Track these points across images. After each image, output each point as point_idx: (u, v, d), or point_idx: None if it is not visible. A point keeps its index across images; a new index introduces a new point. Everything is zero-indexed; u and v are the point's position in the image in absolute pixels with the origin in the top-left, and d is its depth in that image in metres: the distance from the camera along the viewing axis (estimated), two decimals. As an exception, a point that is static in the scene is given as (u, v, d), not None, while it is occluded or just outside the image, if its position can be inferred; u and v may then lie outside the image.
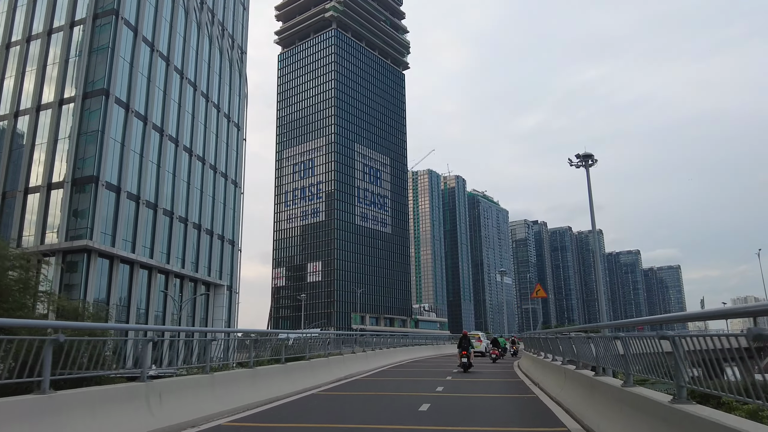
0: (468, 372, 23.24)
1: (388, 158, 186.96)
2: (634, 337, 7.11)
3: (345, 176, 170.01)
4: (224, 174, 60.98)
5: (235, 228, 62.63)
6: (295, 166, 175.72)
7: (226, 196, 61.05)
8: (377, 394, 14.70)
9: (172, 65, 52.06)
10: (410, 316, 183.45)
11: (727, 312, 5.57)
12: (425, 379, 19.88)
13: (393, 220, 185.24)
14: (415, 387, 16.58)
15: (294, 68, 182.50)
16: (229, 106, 63.60)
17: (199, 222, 55.48)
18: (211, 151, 58.45)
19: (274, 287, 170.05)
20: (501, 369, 27.28)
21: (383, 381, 19.12)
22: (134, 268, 45.67)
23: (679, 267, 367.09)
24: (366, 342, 28.25)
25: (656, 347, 6.19)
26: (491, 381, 20.07)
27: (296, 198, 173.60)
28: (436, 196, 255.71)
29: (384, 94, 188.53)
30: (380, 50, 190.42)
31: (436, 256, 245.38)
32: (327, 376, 17.41)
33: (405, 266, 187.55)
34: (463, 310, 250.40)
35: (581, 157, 42.14)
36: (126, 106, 45.89)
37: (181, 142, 52.98)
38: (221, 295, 57.21)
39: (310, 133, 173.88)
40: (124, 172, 45.04)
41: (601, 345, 9.53)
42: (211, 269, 56.82)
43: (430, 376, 21.57)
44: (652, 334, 6.24)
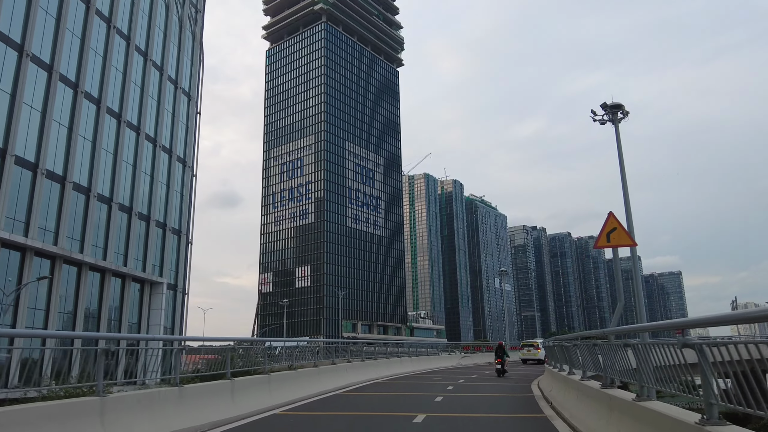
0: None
1: (382, 158, 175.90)
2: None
3: (336, 176, 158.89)
4: (168, 149, 49.64)
5: (183, 216, 51.22)
6: (282, 166, 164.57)
7: (171, 177, 49.67)
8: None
9: (93, 6, 40.91)
10: (405, 324, 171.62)
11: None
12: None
13: (387, 223, 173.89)
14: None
15: (282, 64, 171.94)
16: (177, 70, 52.42)
17: (129, 204, 44.09)
18: (149, 120, 47.18)
19: (260, 293, 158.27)
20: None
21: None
22: (27, 255, 34.22)
23: (680, 273, 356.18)
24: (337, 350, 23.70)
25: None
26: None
27: (284, 199, 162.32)
28: (433, 201, 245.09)
29: (377, 91, 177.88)
30: (373, 46, 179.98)
31: (433, 262, 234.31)
32: (289, 395, 14.12)
33: (399, 271, 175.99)
34: (462, 318, 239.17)
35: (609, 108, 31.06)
36: (20, 47, 34.71)
37: (103, 103, 41.72)
38: (159, 295, 45.66)
39: (298, 131, 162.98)
40: (13, 131, 33.73)
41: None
42: (146, 263, 45.34)
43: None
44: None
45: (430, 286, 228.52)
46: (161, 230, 48.08)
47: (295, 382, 15.27)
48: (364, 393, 17.10)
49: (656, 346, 6.13)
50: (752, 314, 4.01)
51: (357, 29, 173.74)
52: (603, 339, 9.99)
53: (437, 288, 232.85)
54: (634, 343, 7.32)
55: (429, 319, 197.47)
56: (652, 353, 6.23)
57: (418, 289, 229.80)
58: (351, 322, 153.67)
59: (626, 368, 7.91)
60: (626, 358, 7.87)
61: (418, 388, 18.78)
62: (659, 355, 5.99)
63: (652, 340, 7.10)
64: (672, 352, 5.60)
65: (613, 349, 8.82)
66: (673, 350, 5.57)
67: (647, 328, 9.32)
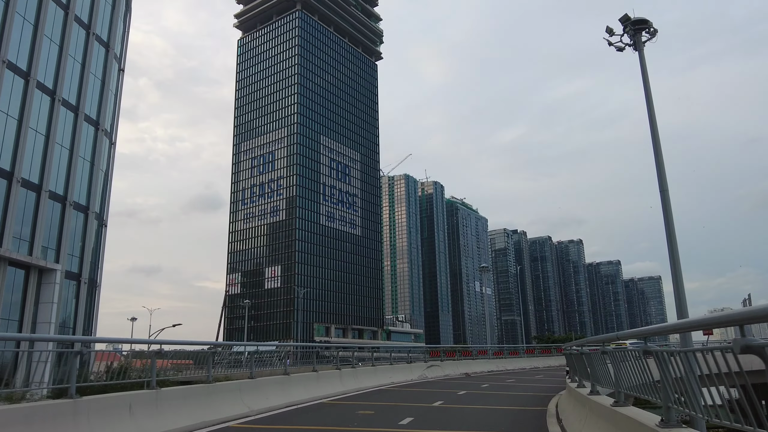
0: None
1: (359, 154, 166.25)
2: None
3: (309, 171, 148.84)
4: (73, 106, 39.43)
5: (93, 191, 40.95)
6: (253, 160, 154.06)
7: (77, 140, 39.44)
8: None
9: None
10: (381, 328, 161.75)
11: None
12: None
13: (364, 222, 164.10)
14: None
15: (254, 53, 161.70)
16: (90, 15, 42.28)
17: (11, 168, 33.87)
18: (43, 63, 36.98)
19: (227, 295, 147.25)
20: None
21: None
22: None
23: (660, 278, 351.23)
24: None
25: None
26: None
27: (254, 196, 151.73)
28: (413, 203, 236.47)
29: (354, 84, 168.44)
30: (350, 37, 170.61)
31: (412, 265, 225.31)
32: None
33: (376, 272, 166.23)
34: (441, 322, 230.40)
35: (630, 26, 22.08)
36: None
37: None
38: (51, 285, 35.39)
39: (270, 124, 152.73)
40: None
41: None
42: (33, 245, 35.08)
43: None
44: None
45: (409, 289, 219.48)
46: (59, 204, 37.80)
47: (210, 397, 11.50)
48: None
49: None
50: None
51: (334, 19, 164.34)
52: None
53: (417, 291, 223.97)
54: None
55: (407, 322, 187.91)
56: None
57: (397, 292, 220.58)
58: (324, 325, 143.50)
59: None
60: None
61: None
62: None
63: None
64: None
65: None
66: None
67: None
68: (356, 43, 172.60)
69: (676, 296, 19.04)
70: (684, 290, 18.75)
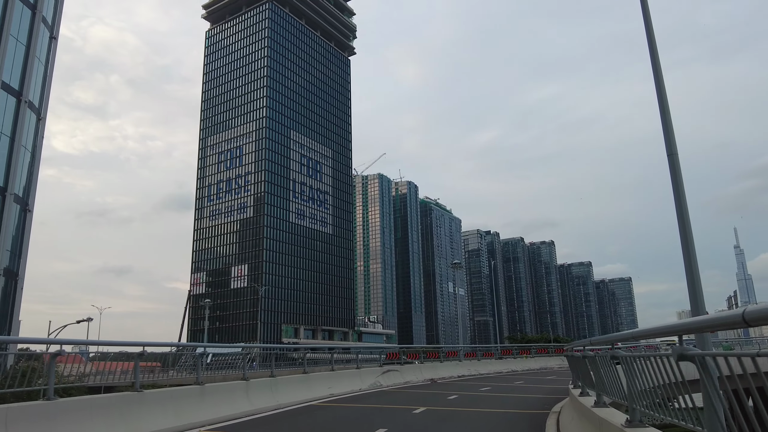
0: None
1: (330, 150, 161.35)
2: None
3: (278, 167, 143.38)
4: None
5: (12, 170, 35.63)
6: (220, 155, 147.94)
7: (-8, 111, 34.10)
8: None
9: None
10: (353, 329, 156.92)
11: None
12: None
13: (335, 220, 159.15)
14: None
15: (223, 45, 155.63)
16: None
17: None
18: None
19: (191, 295, 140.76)
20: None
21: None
22: None
23: (630, 279, 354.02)
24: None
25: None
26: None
27: (220, 191, 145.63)
28: (387, 202, 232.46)
29: (326, 79, 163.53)
30: (323, 31, 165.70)
31: (386, 266, 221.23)
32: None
33: (348, 271, 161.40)
34: (414, 323, 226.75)
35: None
36: None
37: None
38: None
39: (238, 118, 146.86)
40: None
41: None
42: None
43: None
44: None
45: (382, 290, 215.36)
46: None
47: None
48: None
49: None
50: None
51: (305, 11, 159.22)
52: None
53: (390, 292, 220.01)
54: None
55: (379, 323, 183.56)
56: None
57: (370, 292, 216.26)
58: (292, 326, 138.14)
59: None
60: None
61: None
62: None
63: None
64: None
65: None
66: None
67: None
68: (329, 37, 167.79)
69: (689, 278, 14.38)
70: (698, 272, 14.27)
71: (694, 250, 12.96)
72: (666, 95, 16.16)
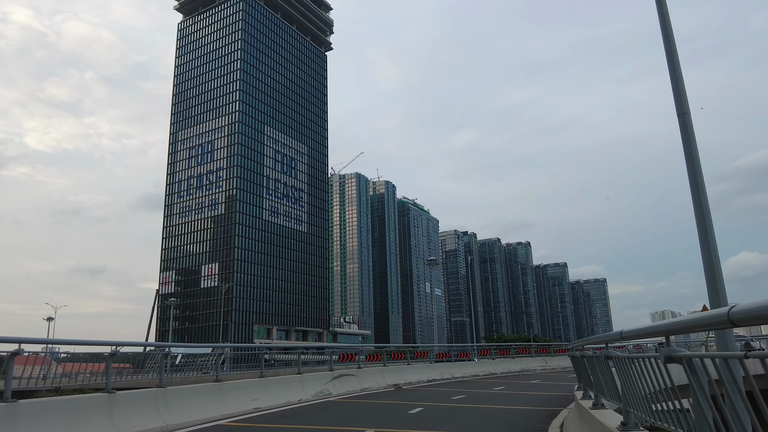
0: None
1: (306, 146, 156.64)
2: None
3: (251, 163, 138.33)
4: None
5: None
6: (191, 150, 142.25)
7: None
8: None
9: None
10: (327, 329, 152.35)
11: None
12: None
13: (310, 218, 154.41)
14: None
15: (196, 38, 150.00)
16: None
17: None
18: None
19: (159, 294, 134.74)
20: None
21: None
22: None
23: (605, 280, 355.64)
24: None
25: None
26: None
27: (191, 188, 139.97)
28: (364, 202, 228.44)
29: (302, 74, 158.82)
30: (299, 25, 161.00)
31: (363, 265, 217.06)
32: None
33: (323, 270, 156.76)
34: (391, 323, 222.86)
35: None
36: None
37: None
38: None
39: (210, 112, 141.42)
40: None
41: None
42: None
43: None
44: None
45: (359, 290, 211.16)
46: None
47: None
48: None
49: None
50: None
51: (281, 4, 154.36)
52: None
53: (366, 292, 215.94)
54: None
55: (355, 324, 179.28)
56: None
57: (347, 292, 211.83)
58: (265, 327, 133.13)
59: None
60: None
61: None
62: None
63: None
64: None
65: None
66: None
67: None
68: (305, 32, 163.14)
69: (705, 253, 10.94)
70: (717, 250, 10.79)
71: (711, 220, 9.88)
72: (677, 52, 13.12)
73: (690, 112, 12.03)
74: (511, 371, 28.49)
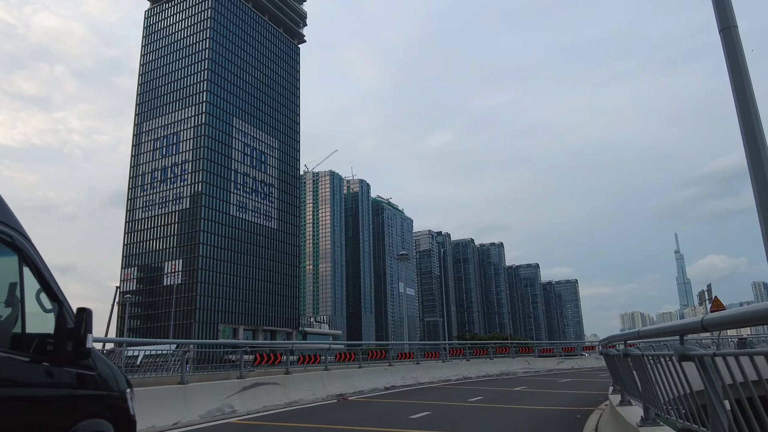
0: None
1: (277, 140, 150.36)
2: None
3: (219, 156, 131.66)
4: None
5: None
6: (156, 142, 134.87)
7: None
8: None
9: None
10: (297, 329, 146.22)
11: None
12: None
13: (281, 214, 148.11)
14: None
15: (163, 26, 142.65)
16: None
17: None
18: None
19: (120, 292, 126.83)
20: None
21: None
22: None
23: (577, 281, 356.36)
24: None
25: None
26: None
27: (155, 181, 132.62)
28: (338, 201, 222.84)
29: (274, 66, 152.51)
30: (271, 15, 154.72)
31: (336, 265, 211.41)
32: None
33: (294, 268, 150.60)
34: (363, 323, 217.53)
35: None
36: None
37: None
38: None
39: (176, 102, 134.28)
40: None
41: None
42: None
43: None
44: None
45: (331, 290, 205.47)
46: None
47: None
48: None
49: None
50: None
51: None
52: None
53: (339, 292, 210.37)
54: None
55: (325, 323, 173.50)
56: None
57: (319, 292, 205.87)
58: (231, 326, 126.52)
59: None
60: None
61: None
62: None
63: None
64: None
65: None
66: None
67: None
68: (277, 23, 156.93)
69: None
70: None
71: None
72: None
73: (737, 25, 7.94)
74: (489, 375, 23.61)
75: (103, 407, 4.31)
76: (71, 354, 4.02)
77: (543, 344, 34.61)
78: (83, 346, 4.09)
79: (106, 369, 4.54)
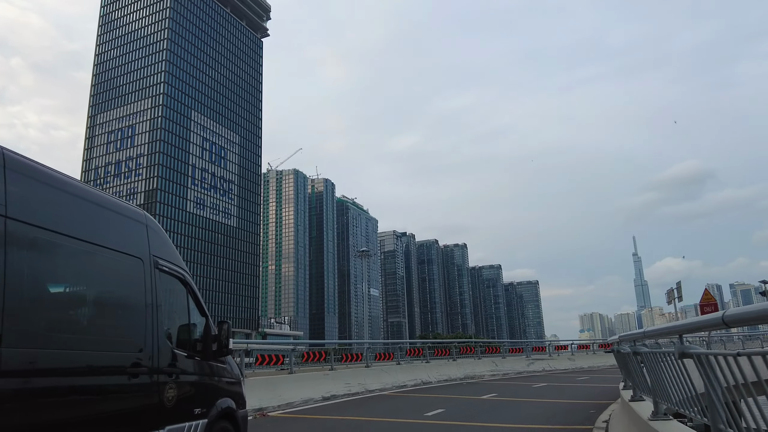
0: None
1: (238, 136, 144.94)
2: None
3: (175, 150, 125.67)
4: None
5: None
6: (110, 135, 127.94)
7: None
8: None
9: None
10: (257, 330, 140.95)
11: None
12: None
13: (240, 212, 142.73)
14: None
15: (120, 15, 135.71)
16: None
17: None
18: None
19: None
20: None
21: None
22: None
23: (538, 283, 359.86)
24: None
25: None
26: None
27: (108, 174, 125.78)
28: (302, 200, 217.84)
29: (235, 59, 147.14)
30: (233, 8, 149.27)
31: (299, 264, 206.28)
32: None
33: (254, 267, 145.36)
34: (327, 324, 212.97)
35: None
36: None
37: None
38: None
39: (132, 94, 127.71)
40: None
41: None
42: None
43: None
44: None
45: (294, 290, 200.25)
46: None
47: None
48: None
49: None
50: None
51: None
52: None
53: (302, 292, 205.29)
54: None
55: (286, 324, 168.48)
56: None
57: (281, 292, 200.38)
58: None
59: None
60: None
61: None
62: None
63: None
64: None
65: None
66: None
67: None
68: (240, 16, 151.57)
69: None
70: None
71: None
72: None
73: None
74: (452, 378, 20.42)
75: (230, 390, 5.66)
76: (216, 353, 5.35)
77: (511, 344, 31.69)
78: (227, 347, 5.43)
79: (232, 363, 5.92)
